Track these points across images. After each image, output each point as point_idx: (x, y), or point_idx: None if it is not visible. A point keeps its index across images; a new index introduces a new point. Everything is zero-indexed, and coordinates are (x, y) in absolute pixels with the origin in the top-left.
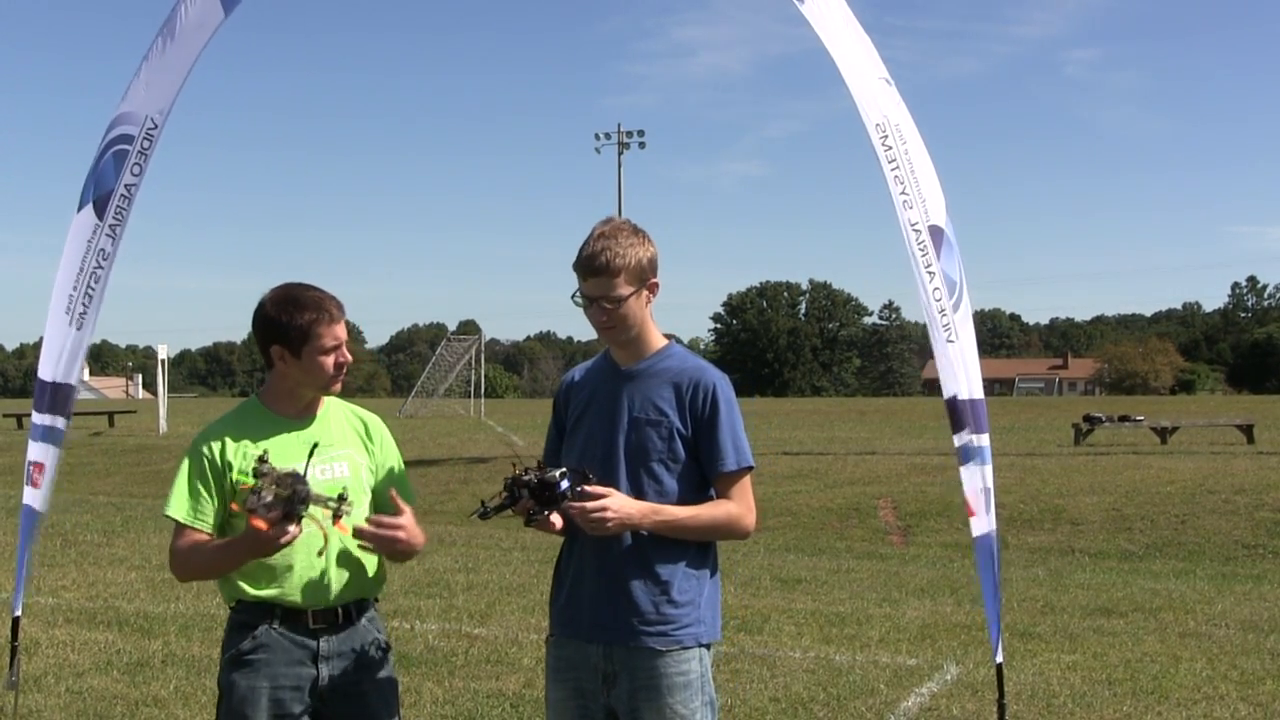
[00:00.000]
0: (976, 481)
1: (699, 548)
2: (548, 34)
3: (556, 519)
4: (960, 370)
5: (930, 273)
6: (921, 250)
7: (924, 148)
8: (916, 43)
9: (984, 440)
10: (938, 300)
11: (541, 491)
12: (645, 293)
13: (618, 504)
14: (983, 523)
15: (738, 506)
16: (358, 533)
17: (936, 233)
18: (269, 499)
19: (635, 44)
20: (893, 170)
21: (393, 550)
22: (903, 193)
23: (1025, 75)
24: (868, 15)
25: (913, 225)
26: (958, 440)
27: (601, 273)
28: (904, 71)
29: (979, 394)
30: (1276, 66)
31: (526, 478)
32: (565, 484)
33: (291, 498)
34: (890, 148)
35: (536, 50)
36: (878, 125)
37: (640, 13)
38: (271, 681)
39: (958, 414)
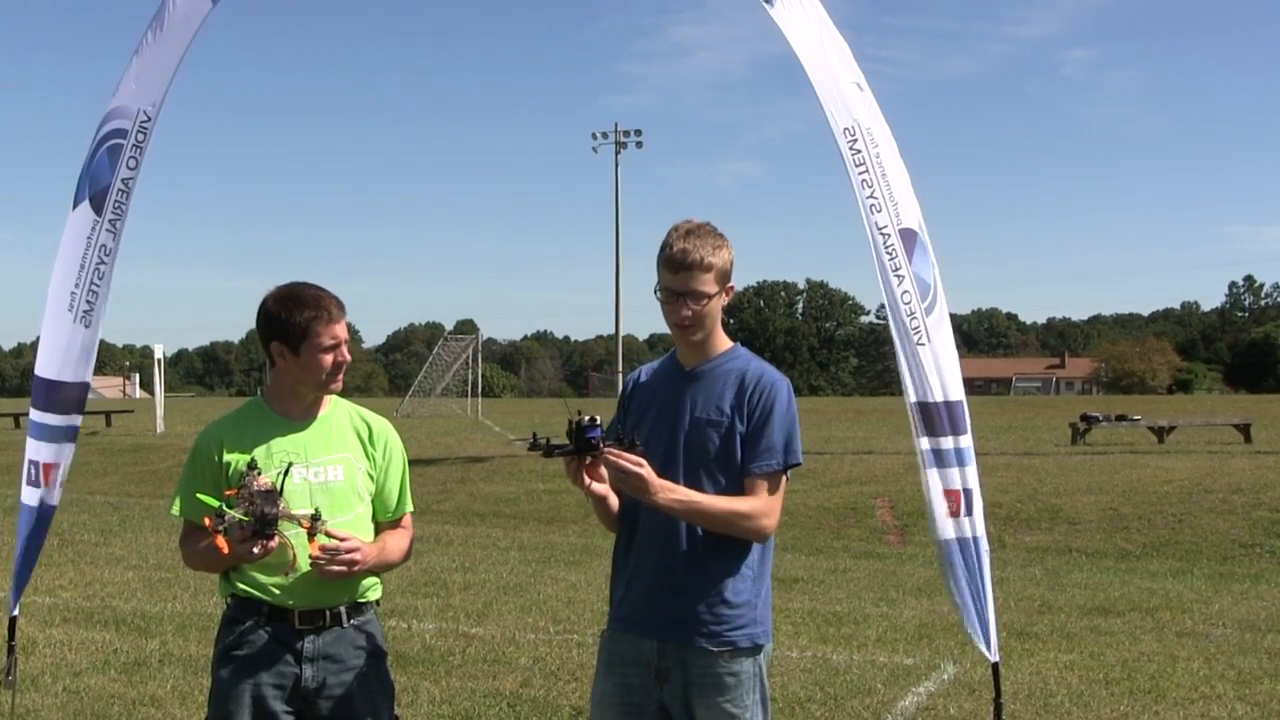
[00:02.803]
0: (953, 483)
1: (759, 551)
2: (545, 33)
3: (603, 489)
4: (933, 373)
5: (899, 276)
6: (890, 254)
7: (897, 151)
8: (915, 43)
9: (963, 441)
10: (907, 304)
11: (578, 435)
12: (723, 295)
13: (647, 472)
14: (961, 525)
15: (760, 504)
16: (312, 561)
17: (909, 235)
18: (235, 521)
19: (633, 44)
20: (860, 174)
21: (343, 577)
22: (870, 197)
23: (1022, 75)
24: (866, 15)
25: (880, 229)
26: (927, 444)
27: (694, 268)
28: (902, 71)
29: (956, 395)
30: (1273, 66)
31: (578, 419)
32: (596, 431)
33: (259, 519)
34: (859, 152)
35: (534, 49)
36: (846, 130)
37: (638, 12)
38: (254, 679)
39: (928, 418)
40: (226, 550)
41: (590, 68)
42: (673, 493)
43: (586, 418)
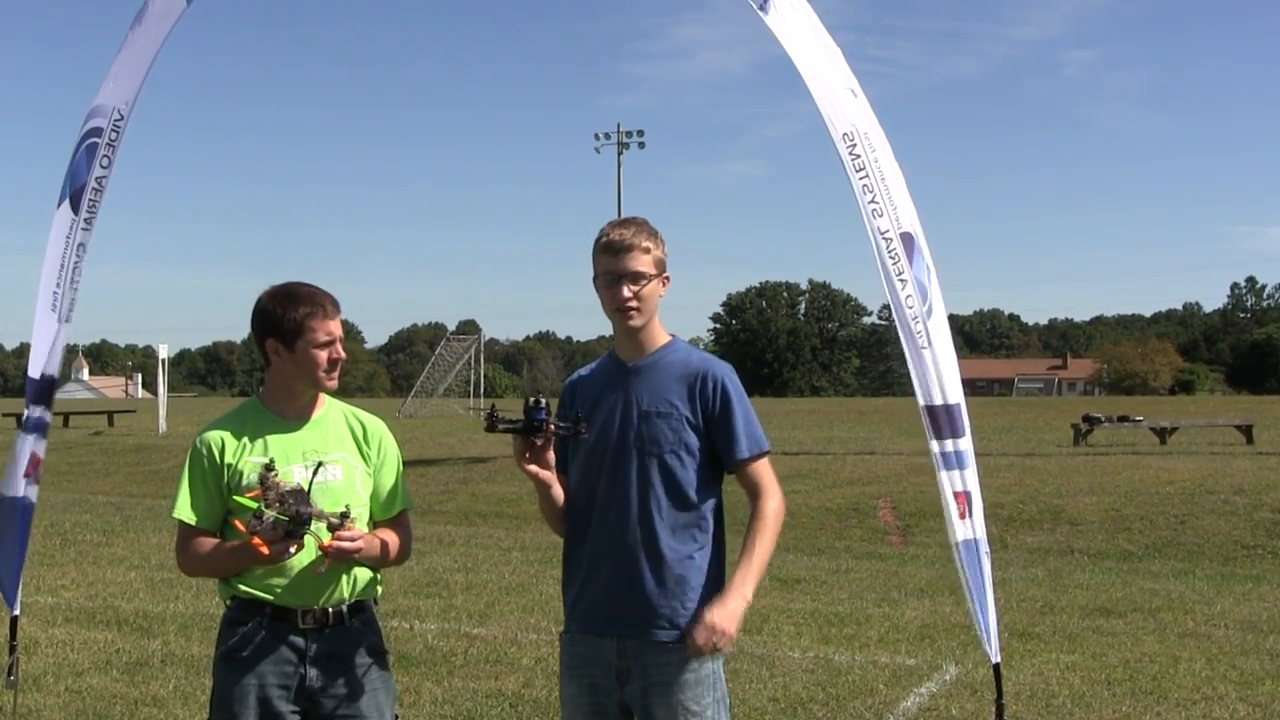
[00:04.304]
0: (958, 485)
1: (714, 544)
2: (547, 33)
3: (547, 476)
4: (933, 376)
5: (902, 280)
6: (893, 259)
7: (893, 155)
8: (916, 43)
9: (961, 444)
10: (910, 307)
11: (526, 416)
12: (661, 283)
13: (724, 622)
14: (966, 527)
15: (768, 497)
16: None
17: (907, 239)
18: (271, 521)
19: (634, 44)
20: (861, 179)
21: (348, 561)
22: (872, 201)
23: (1024, 75)
24: (867, 15)
25: (883, 233)
26: (937, 447)
27: (633, 249)
28: (904, 72)
29: (955, 398)
30: (1275, 66)
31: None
32: (542, 414)
33: (295, 519)
34: (858, 156)
35: (536, 50)
36: (845, 135)
37: (639, 13)
38: (259, 680)
39: (935, 421)
40: (268, 552)
41: (592, 68)
42: (745, 585)
43: (532, 400)
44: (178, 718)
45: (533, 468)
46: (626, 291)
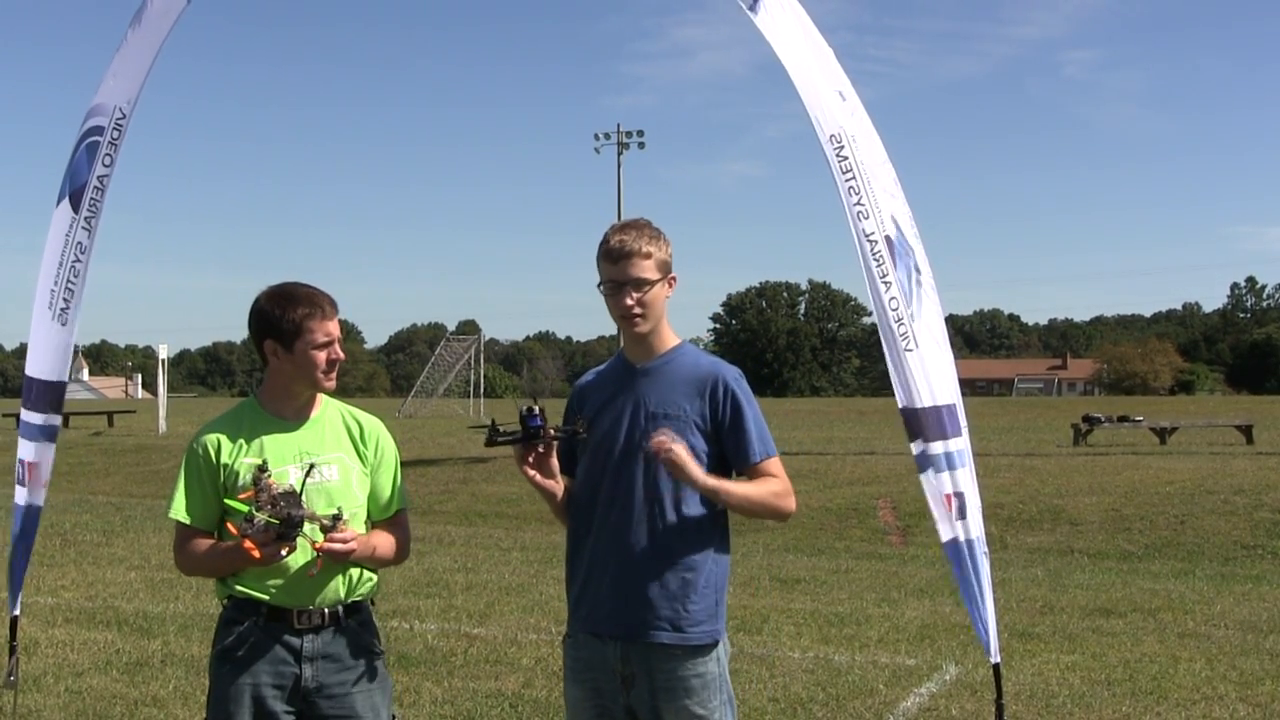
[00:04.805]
0: (945, 487)
1: (717, 546)
2: (547, 34)
3: (548, 484)
4: (921, 379)
5: (886, 283)
6: (877, 261)
7: (885, 157)
8: (916, 43)
9: (953, 445)
10: (894, 309)
11: (522, 424)
12: (666, 285)
13: (684, 455)
14: (955, 528)
15: (781, 485)
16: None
17: (893, 242)
18: (262, 524)
19: (635, 44)
20: (848, 181)
21: (343, 562)
22: (857, 204)
23: (1025, 75)
24: (867, 16)
25: (868, 236)
26: (917, 448)
27: (633, 255)
28: (904, 72)
29: (948, 399)
30: (1275, 66)
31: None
32: (537, 420)
33: (285, 522)
34: (845, 159)
35: (536, 50)
36: (833, 136)
37: (639, 13)
38: (254, 679)
39: (916, 422)
40: (259, 555)
41: (592, 68)
42: (715, 480)
43: (525, 408)
44: (178, 718)
45: (532, 472)
46: (629, 299)
